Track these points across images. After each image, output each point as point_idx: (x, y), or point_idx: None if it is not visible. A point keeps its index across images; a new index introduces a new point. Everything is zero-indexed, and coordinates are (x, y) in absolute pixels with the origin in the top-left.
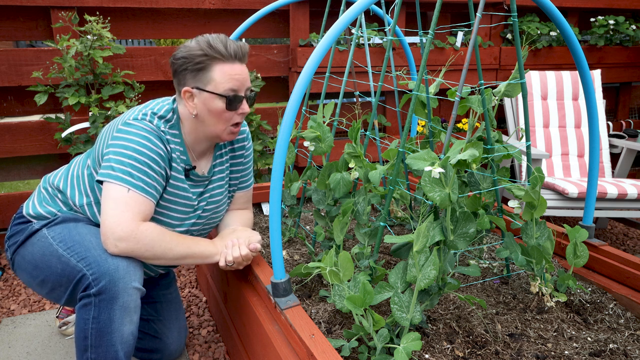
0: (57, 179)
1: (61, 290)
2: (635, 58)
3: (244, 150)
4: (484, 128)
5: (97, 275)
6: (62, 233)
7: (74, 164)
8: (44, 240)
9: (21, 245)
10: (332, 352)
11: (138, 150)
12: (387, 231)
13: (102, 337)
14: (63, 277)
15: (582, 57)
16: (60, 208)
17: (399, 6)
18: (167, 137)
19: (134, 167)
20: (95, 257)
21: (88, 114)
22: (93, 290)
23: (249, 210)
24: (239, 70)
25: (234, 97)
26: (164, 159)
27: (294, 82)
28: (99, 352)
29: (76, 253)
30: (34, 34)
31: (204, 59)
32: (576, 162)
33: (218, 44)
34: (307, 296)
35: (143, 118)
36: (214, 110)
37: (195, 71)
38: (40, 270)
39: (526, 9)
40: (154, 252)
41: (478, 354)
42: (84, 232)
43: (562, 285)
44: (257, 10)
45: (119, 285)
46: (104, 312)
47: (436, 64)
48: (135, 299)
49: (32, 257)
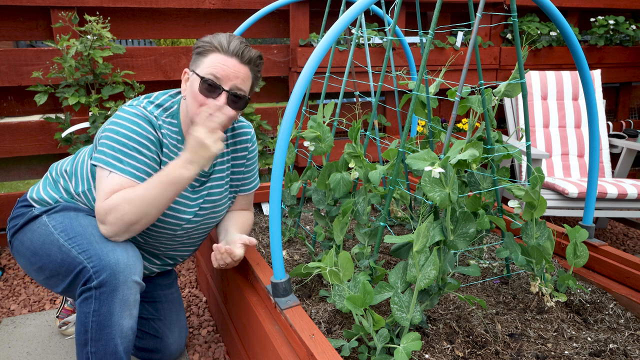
0: (63, 166)
1: (59, 279)
2: (635, 58)
3: (246, 152)
4: (484, 128)
5: (98, 268)
6: (64, 223)
7: (81, 153)
8: (45, 228)
9: (20, 229)
10: (332, 352)
11: (126, 134)
12: (387, 231)
13: (102, 330)
14: (62, 267)
15: (582, 57)
16: (61, 195)
17: (399, 6)
18: (159, 123)
19: (122, 151)
20: (96, 250)
21: (88, 114)
22: (94, 283)
23: (249, 211)
24: (230, 64)
25: (211, 83)
26: (154, 143)
27: (294, 82)
28: (99, 345)
29: (78, 245)
30: (34, 34)
31: (206, 45)
32: (576, 162)
33: (224, 38)
34: (307, 296)
35: (137, 105)
36: (192, 91)
37: (196, 55)
38: (39, 257)
39: (526, 9)
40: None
41: (478, 354)
42: (85, 223)
43: (562, 285)
44: (257, 10)
45: (119, 278)
46: (104, 305)
47: (436, 64)
48: (135, 293)
49: (31, 244)
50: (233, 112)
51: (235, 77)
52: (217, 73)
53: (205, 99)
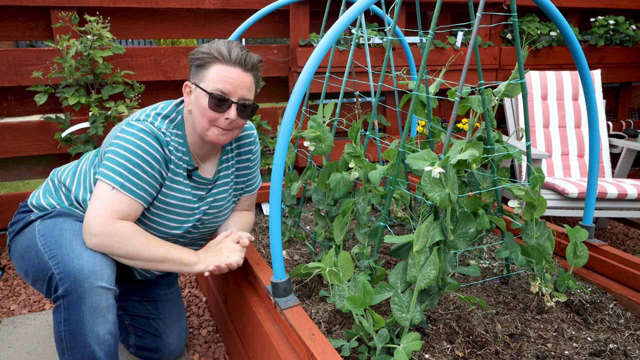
0: (65, 173)
1: (40, 284)
2: (635, 58)
3: (250, 154)
4: (484, 128)
5: (62, 275)
6: (48, 227)
7: (83, 160)
8: (32, 232)
9: (17, 234)
10: (332, 352)
11: (133, 151)
12: (387, 231)
13: (75, 338)
14: (39, 272)
15: (582, 57)
16: (61, 201)
17: (399, 6)
18: (166, 139)
19: (125, 167)
20: (63, 256)
21: (88, 114)
22: (60, 292)
23: (251, 211)
24: (235, 75)
25: (220, 98)
26: (159, 161)
27: (294, 82)
28: (74, 353)
29: (50, 249)
30: (34, 34)
31: (205, 56)
32: (576, 162)
33: (222, 46)
34: (307, 296)
35: (145, 119)
36: (200, 107)
37: (196, 67)
38: (24, 261)
39: (526, 9)
40: (127, 250)
41: (478, 354)
42: (65, 228)
43: (562, 285)
44: (257, 10)
45: (84, 286)
46: (73, 314)
47: (436, 64)
48: (106, 299)
49: (20, 247)
50: (243, 122)
51: (242, 88)
52: (224, 88)
53: (215, 114)
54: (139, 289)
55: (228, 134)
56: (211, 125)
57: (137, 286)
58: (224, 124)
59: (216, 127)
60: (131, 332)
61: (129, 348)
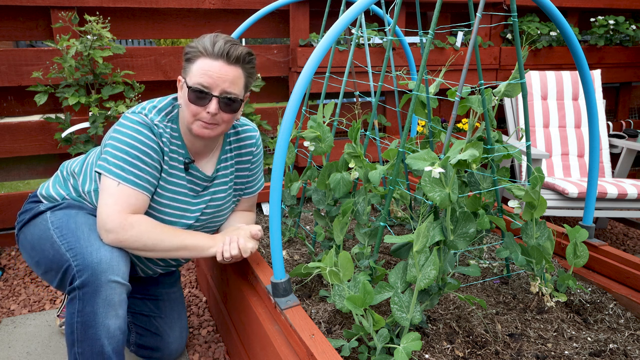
0: (74, 164)
1: (52, 275)
2: (635, 58)
3: (251, 155)
4: (484, 128)
5: (80, 267)
6: (62, 219)
7: (92, 153)
8: (44, 223)
9: (26, 224)
10: (332, 352)
11: (130, 143)
12: (387, 231)
13: (86, 330)
14: (54, 263)
15: (582, 57)
16: (69, 192)
17: (399, 6)
18: (159, 130)
19: (125, 160)
20: (81, 248)
21: (88, 114)
22: (77, 283)
23: (252, 212)
24: (216, 69)
25: (200, 92)
26: (157, 151)
27: (294, 82)
28: (84, 346)
29: (67, 242)
30: (34, 34)
31: (192, 50)
32: (576, 162)
33: (208, 40)
34: (307, 296)
35: (140, 112)
36: (185, 101)
37: (185, 62)
38: (36, 252)
39: (526, 9)
40: (144, 242)
41: (478, 354)
42: (81, 221)
43: (562, 285)
44: (257, 10)
45: (101, 279)
46: (88, 306)
47: (436, 64)
48: (120, 293)
49: (31, 238)
50: (228, 116)
51: (223, 81)
52: (204, 82)
53: (197, 107)
54: (141, 287)
55: (213, 127)
56: (195, 119)
57: (139, 284)
58: (207, 117)
59: (199, 120)
60: (132, 330)
61: (130, 346)
